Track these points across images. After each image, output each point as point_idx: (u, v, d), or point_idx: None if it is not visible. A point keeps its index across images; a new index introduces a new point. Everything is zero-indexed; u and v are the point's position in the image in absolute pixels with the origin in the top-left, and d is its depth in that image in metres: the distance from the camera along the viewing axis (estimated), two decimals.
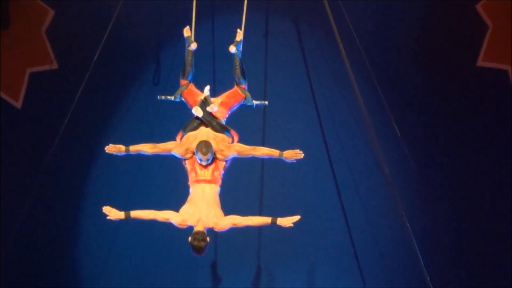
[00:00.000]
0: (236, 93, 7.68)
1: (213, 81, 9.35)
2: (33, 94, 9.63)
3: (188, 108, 7.59)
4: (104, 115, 9.68)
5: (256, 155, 7.27)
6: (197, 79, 7.72)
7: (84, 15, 9.63)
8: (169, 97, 7.82)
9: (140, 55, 9.73)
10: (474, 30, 9.77)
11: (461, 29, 9.78)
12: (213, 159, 7.14)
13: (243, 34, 7.91)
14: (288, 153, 7.16)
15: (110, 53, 9.20)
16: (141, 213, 7.12)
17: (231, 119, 7.60)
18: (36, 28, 9.64)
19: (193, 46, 7.55)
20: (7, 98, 9.60)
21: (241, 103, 7.71)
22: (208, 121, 7.32)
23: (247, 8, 8.29)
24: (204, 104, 7.36)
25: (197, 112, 7.29)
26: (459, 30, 9.78)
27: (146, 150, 7.33)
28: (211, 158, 7.10)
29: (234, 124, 7.57)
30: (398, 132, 8.99)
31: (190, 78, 7.63)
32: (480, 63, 9.78)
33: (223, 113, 7.51)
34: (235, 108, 7.66)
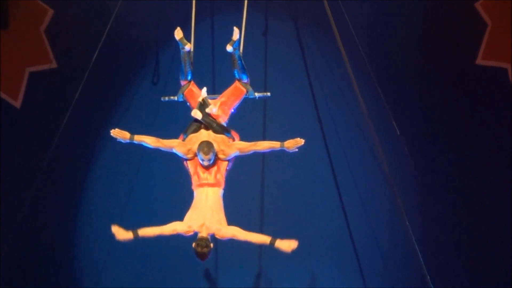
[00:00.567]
0: (237, 89, 7.66)
1: (213, 80, 9.35)
2: (33, 94, 9.61)
3: (188, 107, 7.60)
4: (104, 115, 9.67)
5: (258, 150, 7.30)
6: (197, 79, 7.71)
7: (84, 15, 9.61)
8: (172, 98, 7.84)
9: (139, 54, 9.72)
10: (473, 29, 9.77)
11: (460, 28, 9.77)
12: (215, 161, 7.15)
13: (243, 34, 7.90)
14: (289, 143, 7.22)
15: (110, 53, 9.19)
16: (149, 231, 7.07)
17: (232, 119, 7.60)
18: (35, 28, 9.62)
19: (187, 48, 7.50)
20: (7, 98, 9.58)
21: (242, 101, 7.69)
22: (208, 123, 7.31)
23: (247, 7, 8.28)
24: (203, 106, 7.35)
25: (196, 115, 7.28)
26: (458, 29, 9.78)
27: (149, 143, 7.33)
28: (213, 158, 7.10)
29: (235, 124, 7.57)
30: (398, 131, 8.97)
31: (190, 78, 7.61)
32: (480, 62, 9.77)
33: (224, 113, 7.50)
34: (237, 107, 7.65)
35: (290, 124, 9.67)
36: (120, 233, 7.01)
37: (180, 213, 7.18)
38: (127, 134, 7.33)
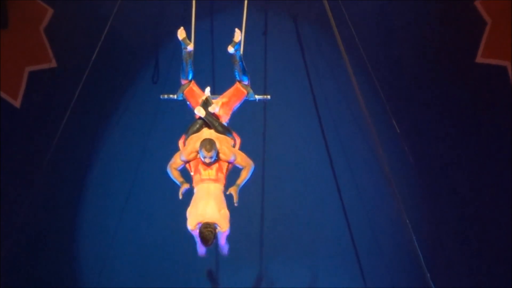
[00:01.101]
0: (238, 90, 7.65)
1: (213, 81, 9.35)
2: (32, 93, 9.60)
3: (188, 107, 7.60)
4: (103, 114, 9.67)
5: (242, 169, 7.28)
6: (198, 79, 7.70)
7: (83, 14, 9.60)
8: (172, 96, 7.81)
9: (139, 54, 9.71)
10: (473, 27, 9.77)
11: (460, 26, 9.78)
12: (217, 159, 7.15)
13: (243, 33, 7.89)
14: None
15: (109, 52, 9.17)
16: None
17: (232, 119, 7.60)
18: (35, 27, 9.60)
19: (190, 48, 7.50)
20: (6, 97, 9.57)
21: (243, 101, 7.69)
22: (210, 122, 7.33)
23: (247, 7, 8.27)
24: (206, 105, 7.37)
25: (199, 112, 7.29)
26: (458, 27, 9.78)
27: (176, 172, 7.30)
28: (215, 156, 7.10)
29: (235, 125, 7.58)
30: (398, 129, 8.98)
31: (191, 77, 7.60)
32: (479, 60, 9.78)
33: (226, 114, 7.51)
34: (237, 108, 7.65)
35: (290, 124, 9.68)
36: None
37: (180, 213, 7.19)
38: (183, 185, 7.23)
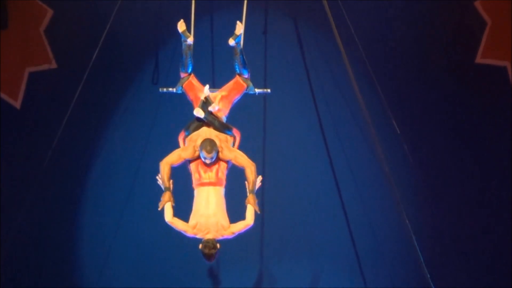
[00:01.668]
0: (238, 84, 7.63)
1: (213, 76, 9.35)
2: (32, 94, 9.60)
3: (188, 104, 7.59)
4: (103, 115, 9.67)
5: (245, 171, 7.24)
6: (197, 74, 7.70)
7: (83, 15, 9.59)
8: (171, 89, 7.81)
9: (139, 54, 9.71)
10: (473, 27, 9.77)
11: (460, 26, 9.77)
12: (217, 158, 7.14)
13: (243, 33, 7.88)
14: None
15: (109, 52, 9.18)
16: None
17: (232, 115, 7.60)
18: (35, 28, 9.60)
19: (190, 41, 7.51)
20: (6, 98, 9.57)
21: (243, 95, 7.67)
22: (210, 121, 7.33)
23: (247, 6, 8.27)
24: (205, 105, 7.36)
25: (199, 114, 7.29)
26: (458, 27, 9.77)
27: (168, 171, 7.20)
28: (215, 157, 7.10)
29: (234, 120, 7.58)
30: (398, 130, 8.98)
31: (190, 70, 7.59)
32: (479, 60, 9.77)
33: (225, 107, 7.50)
34: (237, 101, 7.63)
35: (290, 125, 9.68)
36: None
37: (180, 213, 7.18)
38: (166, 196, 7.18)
